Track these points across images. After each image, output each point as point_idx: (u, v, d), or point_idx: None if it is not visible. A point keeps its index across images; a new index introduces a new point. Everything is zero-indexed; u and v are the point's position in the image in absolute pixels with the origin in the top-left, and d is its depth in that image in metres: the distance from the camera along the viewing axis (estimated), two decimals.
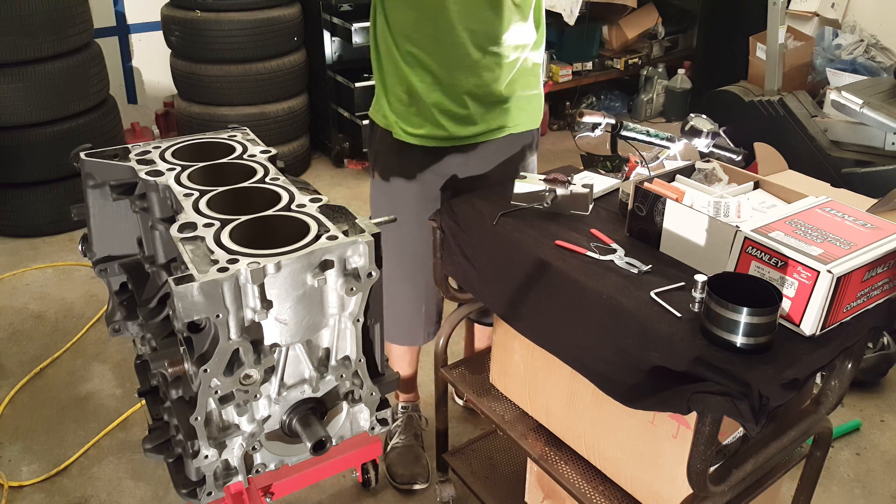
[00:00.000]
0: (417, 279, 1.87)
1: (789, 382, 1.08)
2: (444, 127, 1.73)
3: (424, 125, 1.73)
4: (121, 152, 1.46)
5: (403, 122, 1.75)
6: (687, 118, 1.69)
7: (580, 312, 1.32)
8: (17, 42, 3.17)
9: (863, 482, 2.15)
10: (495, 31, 1.66)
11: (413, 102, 1.72)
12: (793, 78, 4.04)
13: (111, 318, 1.57)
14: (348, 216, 1.23)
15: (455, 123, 1.73)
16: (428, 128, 1.74)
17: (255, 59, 3.75)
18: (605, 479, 1.49)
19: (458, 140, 1.76)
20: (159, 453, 1.38)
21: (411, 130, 1.75)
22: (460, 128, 1.74)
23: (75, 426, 2.33)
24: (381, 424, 1.35)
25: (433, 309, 1.96)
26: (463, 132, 1.75)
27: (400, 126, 1.76)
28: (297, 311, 1.13)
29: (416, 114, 1.73)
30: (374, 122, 1.85)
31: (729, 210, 1.37)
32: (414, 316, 1.94)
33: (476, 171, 1.82)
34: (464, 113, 1.72)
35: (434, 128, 1.73)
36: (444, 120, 1.72)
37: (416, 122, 1.74)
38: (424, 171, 1.79)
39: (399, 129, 1.76)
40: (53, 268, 3.23)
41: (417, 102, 1.72)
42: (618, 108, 5.14)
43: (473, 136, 1.77)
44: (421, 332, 1.98)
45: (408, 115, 1.74)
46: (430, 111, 1.72)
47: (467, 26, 1.63)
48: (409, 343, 2.01)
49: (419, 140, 1.75)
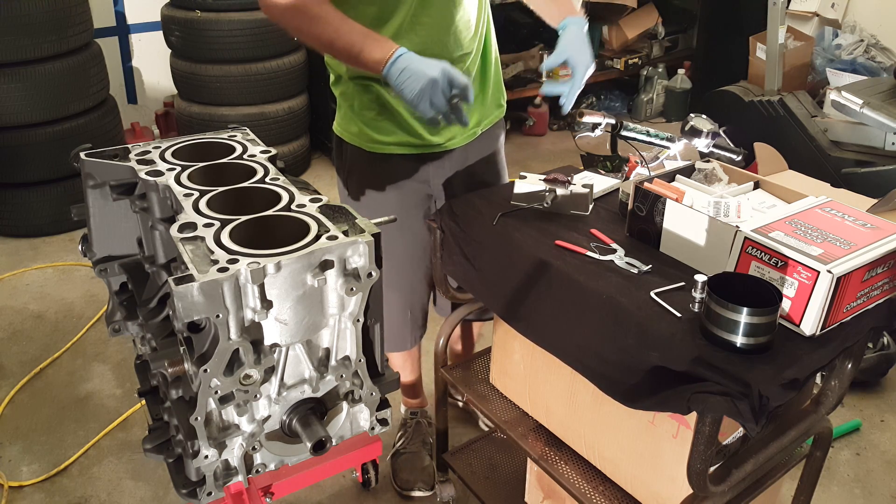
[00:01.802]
0: (402, 285, 1.86)
1: (789, 382, 1.08)
2: (418, 134, 1.69)
3: (395, 132, 1.68)
4: (121, 152, 1.46)
5: (374, 131, 1.69)
6: (687, 118, 1.68)
7: (580, 312, 1.32)
8: (17, 42, 3.17)
9: (863, 482, 2.15)
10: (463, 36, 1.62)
11: (383, 111, 1.67)
12: (793, 78, 4.04)
13: (111, 318, 1.57)
14: (348, 216, 1.23)
15: (428, 128, 1.68)
16: (399, 135, 1.69)
17: (255, 59, 3.75)
18: (605, 479, 1.49)
19: (433, 147, 1.72)
20: (159, 453, 1.38)
21: (383, 139, 1.69)
22: (434, 135, 1.70)
23: (75, 426, 2.33)
24: (381, 424, 1.35)
25: (419, 313, 1.96)
26: (438, 139, 1.71)
27: (371, 136, 1.70)
28: (297, 311, 1.13)
29: (388, 120, 1.67)
30: (340, 138, 1.78)
31: (729, 210, 1.37)
32: (402, 322, 1.93)
33: (454, 172, 1.79)
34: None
35: (407, 135, 1.69)
36: (418, 126, 1.67)
37: (387, 128, 1.68)
38: (402, 179, 1.75)
39: (370, 139, 1.70)
40: (53, 268, 3.23)
41: (388, 111, 1.66)
42: (618, 108, 5.14)
43: (448, 141, 1.73)
44: (409, 337, 1.98)
45: (378, 124, 1.68)
46: (402, 118, 1.66)
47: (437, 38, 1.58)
48: (400, 349, 2.01)
49: (392, 148, 1.70)
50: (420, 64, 1.35)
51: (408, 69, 1.35)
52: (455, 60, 1.62)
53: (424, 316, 1.99)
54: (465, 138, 1.77)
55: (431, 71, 1.33)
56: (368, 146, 1.72)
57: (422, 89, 1.33)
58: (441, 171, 1.79)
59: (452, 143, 1.75)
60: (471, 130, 1.77)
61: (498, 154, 1.90)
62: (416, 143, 1.71)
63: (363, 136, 1.71)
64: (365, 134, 1.70)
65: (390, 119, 1.68)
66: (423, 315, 1.98)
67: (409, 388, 2.18)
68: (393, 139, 1.69)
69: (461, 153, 1.79)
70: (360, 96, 1.68)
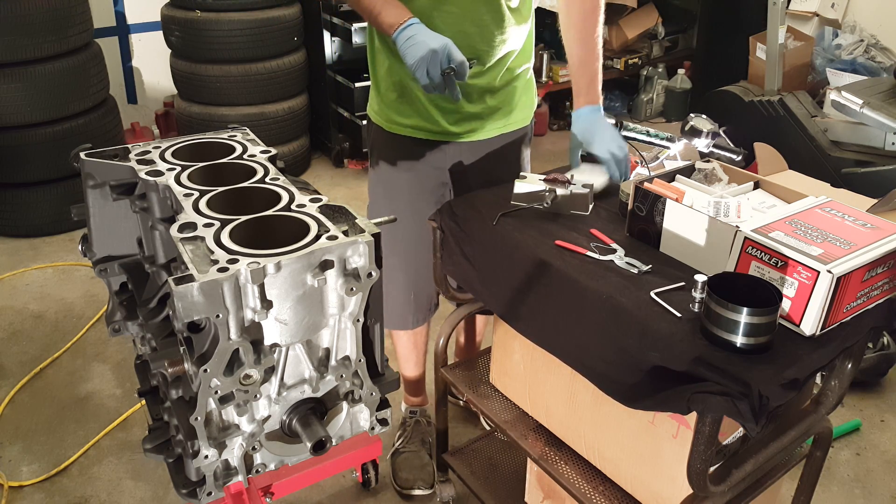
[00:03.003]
0: (408, 268, 1.88)
1: (789, 382, 1.08)
2: (435, 121, 1.75)
3: (413, 116, 1.75)
4: (121, 152, 1.46)
5: (394, 112, 1.77)
6: (687, 118, 1.69)
7: (580, 312, 1.32)
8: (17, 42, 3.17)
9: (863, 482, 2.16)
10: (490, 33, 1.66)
11: (404, 94, 1.74)
12: (793, 78, 4.04)
13: (111, 318, 1.57)
14: (348, 216, 1.23)
15: (445, 117, 1.74)
16: (417, 119, 1.75)
17: (255, 59, 3.75)
18: (605, 479, 1.49)
19: (450, 136, 1.78)
20: (159, 453, 1.38)
21: (401, 120, 1.77)
22: (452, 124, 1.75)
23: (75, 426, 2.33)
24: (381, 424, 1.35)
25: (423, 297, 1.96)
26: (455, 128, 1.76)
27: (390, 117, 1.78)
28: (297, 311, 1.13)
29: (407, 103, 1.75)
30: (369, 118, 1.88)
31: (729, 210, 1.37)
32: (404, 301, 1.95)
33: (471, 166, 1.83)
34: (453, 108, 1.73)
35: (424, 120, 1.75)
36: (436, 113, 1.74)
37: (406, 111, 1.76)
38: (418, 160, 1.80)
39: (389, 119, 1.78)
40: (53, 268, 3.23)
41: (408, 94, 1.73)
42: (618, 108, 5.14)
43: (466, 133, 1.78)
44: (410, 318, 1.98)
45: (398, 106, 1.76)
46: (420, 103, 1.73)
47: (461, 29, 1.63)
48: (399, 327, 2.01)
49: (409, 131, 1.77)
50: (425, 35, 1.47)
51: (414, 38, 1.46)
52: (481, 54, 1.67)
53: (429, 300, 1.99)
54: (484, 133, 1.80)
55: (433, 43, 1.44)
56: (388, 126, 1.80)
57: (421, 57, 1.44)
58: (457, 162, 1.82)
59: (471, 136, 1.79)
60: (491, 126, 1.80)
61: (521, 159, 1.93)
62: (433, 129, 1.76)
63: (384, 116, 1.80)
64: (385, 114, 1.80)
65: (409, 103, 1.75)
66: (428, 299, 1.98)
67: (413, 383, 2.18)
68: (410, 122, 1.77)
69: (480, 148, 1.82)
70: (385, 79, 1.76)
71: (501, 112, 1.80)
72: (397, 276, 1.89)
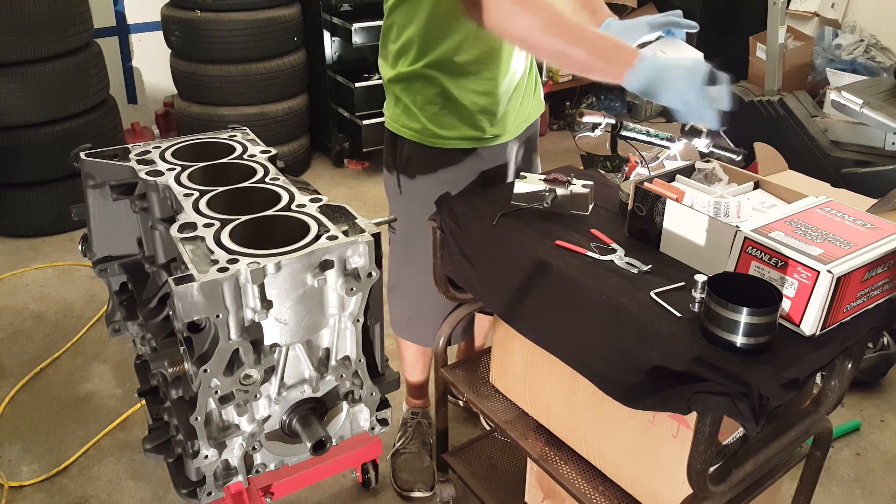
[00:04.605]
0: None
1: (789, 382, 1.08)
2: (480, 127, 1.72)
3: (459, 126, 1.71)
4: (121, 152, 1.47)
5: (437, 126, 1.71)
6: None
7: (580, 312, 1.32)
8: (17, 42, 3.17)
9: (863, 482, 2.16)
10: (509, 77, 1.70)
11: (446, 105, 1.70)
12: (793, 78, 4.04)
13: (111, 318, 1.57)
14: (348, 216, 1.23)
15: (490, 121, 1.73)
16: (463, 128, 1.72)
17: (255, 59, 3.75)
18: (605, 479, 1.49)
19: (488, 140, 1.76)
20: (159, 453, 1.38)
21: (445, 133, 1.72)
22: (494, 127, 1.74)
23: (75, 426, 2.33)
24: (381, 424, 1.35)
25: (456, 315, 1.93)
26: (495, 131, 1.75)
27: (433, 131, 1.71)
28: (297, 311, 1.13)
29: (451, 114, 1.70)
30: (396, 134, 1.78)
31: (729, 210, 1.37)
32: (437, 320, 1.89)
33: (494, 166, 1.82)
34: (499, 111, 1.73)
35: (469, 128, 1.72)
36: (483, 120, 1.72)
37: (450, 122, 1.71)
38: (458, 172, 1.77)
39: (432, 135, 1.72)
40: (53, 268, 3.23)
41: (451, 104, 1.69)
42: (618, 108, 5.13)
43: (503, 134, 1.77)
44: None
45: (441, 118, 1.71)
46: (465, 111, 1.70)
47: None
48: (426, 344, 1.99)
49: (453, 143, 1.73)
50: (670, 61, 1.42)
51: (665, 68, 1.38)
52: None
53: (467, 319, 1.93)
54: (515, 129, 1.81)
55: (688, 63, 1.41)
56: (429, 141, 1.73)
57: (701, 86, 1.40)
58: (491, 165, 1.81)
59: (505, 137, 1.79)
60: (520, 123, 1.81)
61: (535, 150, 1.94)
62: (476, 137, 1.74)
63: (425, 132, 1.73)
64: (427, 129, 1.72)
65: (453, 112, 1.70)
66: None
67: (417, 388, 2.17)
68: (454, 133, 1.72)
69: (509, 147, 1.82)
70: (423, 91, 1.69)
71: (525, 109, 1.82)
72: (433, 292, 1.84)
